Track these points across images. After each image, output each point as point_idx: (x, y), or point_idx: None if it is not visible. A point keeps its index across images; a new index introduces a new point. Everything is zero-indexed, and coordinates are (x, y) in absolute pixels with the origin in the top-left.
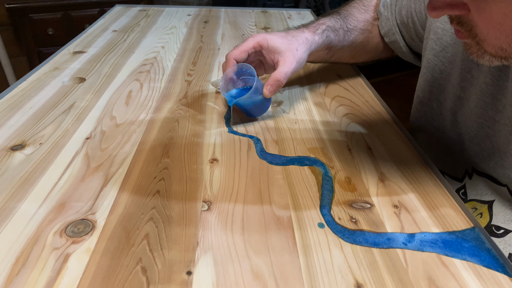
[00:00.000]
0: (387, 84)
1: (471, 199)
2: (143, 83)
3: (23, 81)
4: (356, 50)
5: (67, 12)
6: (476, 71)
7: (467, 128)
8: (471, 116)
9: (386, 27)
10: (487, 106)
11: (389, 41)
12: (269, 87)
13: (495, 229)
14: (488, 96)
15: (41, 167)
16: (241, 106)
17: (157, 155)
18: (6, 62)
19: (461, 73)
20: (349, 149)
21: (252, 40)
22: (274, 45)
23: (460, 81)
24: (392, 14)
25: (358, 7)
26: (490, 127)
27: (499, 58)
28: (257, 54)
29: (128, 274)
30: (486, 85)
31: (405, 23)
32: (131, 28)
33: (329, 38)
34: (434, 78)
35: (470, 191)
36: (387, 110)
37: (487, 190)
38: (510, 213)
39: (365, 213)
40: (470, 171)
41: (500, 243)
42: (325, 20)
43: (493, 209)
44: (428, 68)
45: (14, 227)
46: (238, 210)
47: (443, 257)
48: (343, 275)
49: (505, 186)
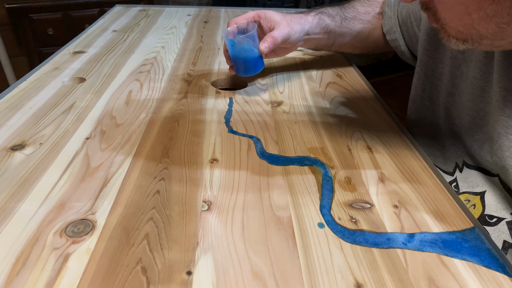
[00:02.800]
0: (387, 84)
1: (464, 191)
2: (143, 83)
3: (23, 81)
4: (357, 39)
5: (67, 12)
6: (465, 67)
7: (460, 121)
8: (464, 110)
9: (388, 25)
10: (477, 99)
11: (390, 39)
12: (266, 43)
13: (488, 219)
14: (477, 89)
15: (41, 167)
16: (237, 55)
17: (157, 155)
18: (6, 62)
19: (451, 71)
20: (349, 149)
21: (252, 12)
22: (271, 16)
23: (451, 78)
24: (395, 13)
25: (362, 1)
26: (481, 118)
27: (461, 41)
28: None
29: (128, 274)
30: (475, 79)
31: (405, 23)
32: (131, 28)
33: (324, 22)
34: (427, 77)
35: (462, 183)
36: (387, 110)
37: (478, 181)
38: (501, 201)
39: (365, 213)
40: (460, 165)
41: (494, 231)
42: (320, 8)
43: (485, 199)
44: (421, 67)
45: (14, 227)
46: (238, 210)
47: (443, 257)
48: (343, 275)
49: (496, 176)
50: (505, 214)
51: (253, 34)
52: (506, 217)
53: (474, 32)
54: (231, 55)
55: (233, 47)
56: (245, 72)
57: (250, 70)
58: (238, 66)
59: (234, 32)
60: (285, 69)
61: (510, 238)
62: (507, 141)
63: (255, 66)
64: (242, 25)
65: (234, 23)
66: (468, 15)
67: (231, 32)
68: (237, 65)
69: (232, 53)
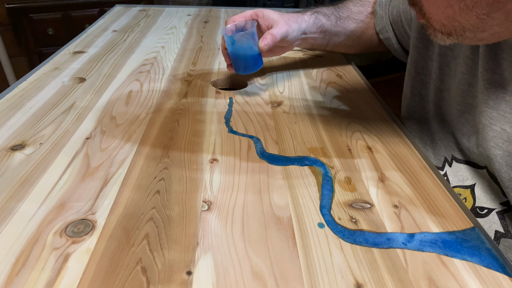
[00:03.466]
0: (387, 84)
1: (454, 185)
2: (143, 83)
3: (23, 81)
4: (350, 39)
5: (67, 12)
6: (453, 64)
7: (449, 117)
8: (452, 105)
9: (380, 25)
10: (465, 93)
11: (383, 38)
12: (265, 41)
13: (479, 210)
14: (465, 84)
15: (41, 167)
16: (236, 52)
17: (157, 155)
18: (6, 62)
19: (440, 67)
20: (349, 149)
21: (250, 11)
22: (268, 15)
23: (440, 74)
24: (386, 13)
25: (354, 1)
26: (468, 112)
27: (446, 35)
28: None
29: (128, 274)
30: (462, 75)
31: (396, 22)
32: (131, 28)
33: (320, 21)
34: (417, 74)
35: (452, 178)
36: (387, 110)
37: (467, 175)
38: (490, 192)
39: (365, 213)
40: (449, 160)
41: (485, 222)
42: (316, 8)
43: (475, 192)
44: (412, 64)
45: (14, 227)
46: (238, 210)
47: (443, 257)
48: (343, 275)
49: (484, 168)
50: (494, 204)
51: (253, 32)
52: (496, 208)
53: (457, 25)
54: (230, 52)
55: (233, 44)
56: (245, 70)
57: (250, 68)
58: (238, 63)
59: (233, 30)
60: (285, 69)
61: (501, 227)
62: (491, 131)
63: (254, 64)
64: (240, 23)
65: (232, 21)
66: (450, 7)
67: (230, 30)
68: (237, 63)
69: (232, 50)
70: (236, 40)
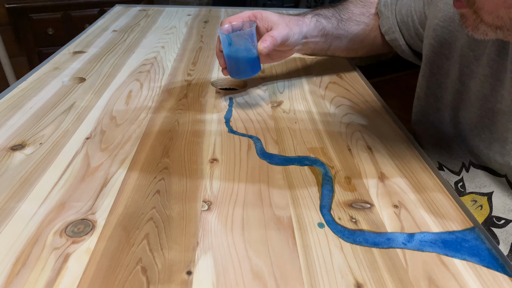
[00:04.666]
0: (387, 84)
1: (470, 191)
2: (143, 83)
3: (23, 81)
4: (353, 42)
5: (67, 12)
6: (475, 66)
7: (466, 121)
8: (471, 109)
9: (386, 26)
10: (486, 98)
11: (389, 39)
12: (264, 43)
13: (496, 220)
14: (487, 88)
15: (41, 167)
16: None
17: (157, 155)
18: (6, 62)
19: (460, 68)
20: (349, 149)
21: (248, 12)
22: (268, 16)
23: (460, 76)
24: (392, 13)
25: (354, 2)
26: (489, 117)
27: (494, 28)
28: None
29: (128, 274)
30: (485, 78)
31: (405, 21)
32: (131, 28)
33: (321, 24)
34: (432, 74)
35: (469, 183)
36: (387, 110)
37: (485, 182)
38: (509, 203)
39: (365, 213)
40: (467, 165)
41: (502, 233)
42: (316, 9)
43: (492, 200)
44: (427, 64)
45: (14, 227)
46: (238, 210)
47: (443, 257)
48: (343, 275)
49: (503, 177)
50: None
51: (252, 32)
52: None
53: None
54: (225, 54)
55: (230, 45)
56: (240, 74)
57: (246, 72)
58: (234, 67)
59: (229, 31)
60: (285, 69)
61: None
62: None
63: (252, 68)
64: (237, 24)
65: (228, 22)
66: None
67: (226, 30)
68: (232, 66)
69: (228, 52)
70: (233, 40)
